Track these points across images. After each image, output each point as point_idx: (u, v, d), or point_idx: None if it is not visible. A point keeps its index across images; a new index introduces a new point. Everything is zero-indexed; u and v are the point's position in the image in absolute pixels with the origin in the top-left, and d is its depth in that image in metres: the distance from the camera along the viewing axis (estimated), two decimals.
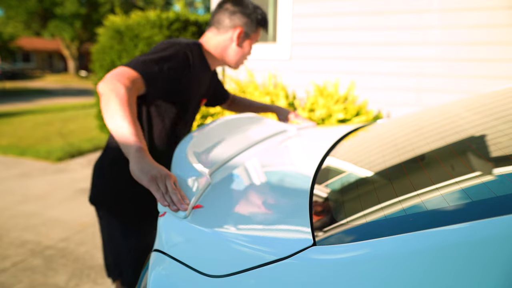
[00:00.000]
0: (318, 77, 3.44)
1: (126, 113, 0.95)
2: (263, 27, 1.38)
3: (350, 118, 2.89)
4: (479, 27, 2.88)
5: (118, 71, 1.04)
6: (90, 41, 28.70)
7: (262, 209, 0.79)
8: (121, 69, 1.05)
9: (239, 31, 1.31)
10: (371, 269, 0.53)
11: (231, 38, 1.32)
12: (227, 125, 1.29)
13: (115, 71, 1.04)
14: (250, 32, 1.34)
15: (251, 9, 1.33)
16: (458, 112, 1.10)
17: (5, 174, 4.43)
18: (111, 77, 1.01)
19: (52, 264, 2.44)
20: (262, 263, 0.60)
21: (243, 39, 1.34)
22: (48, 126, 7.77)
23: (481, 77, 2.94)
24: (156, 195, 0.79)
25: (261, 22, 1.35)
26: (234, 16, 1.31)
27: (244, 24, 1.32)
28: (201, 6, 32.17)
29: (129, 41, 4.88)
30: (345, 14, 3.32)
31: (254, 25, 1.33)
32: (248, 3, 1.34)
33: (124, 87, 1.00)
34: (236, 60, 1.38)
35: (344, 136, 1.28)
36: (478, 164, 0.71)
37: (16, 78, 24.17)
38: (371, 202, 0.69)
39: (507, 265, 0.46)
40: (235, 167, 1.01)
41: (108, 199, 1.30)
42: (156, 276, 0.68)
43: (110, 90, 0.98)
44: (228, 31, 1.32)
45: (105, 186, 1.31)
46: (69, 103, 12.34)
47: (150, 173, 0.83)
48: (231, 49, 1.35)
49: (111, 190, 1.29)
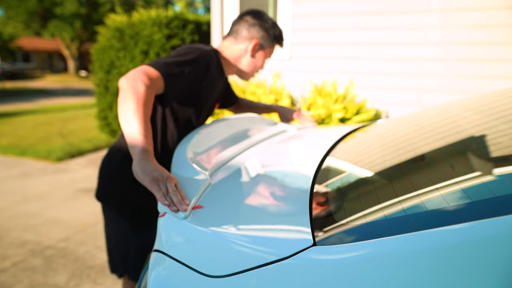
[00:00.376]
0: (318, 77, 3.44)
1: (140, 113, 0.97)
2: (279, 43, 1.44)
3: (351, 117, 2.89)
4: (479, 27, 2.88)
5: (141, 68, 1.06)
6: (90, 41, 28.71)
7: (262, 209, 0.79)
8: (144, 67, 1.07)
9: (255, 42, 1.37)
10: (371, 269, 0.53)
11: (246, 48, 1.38)
12: (227, 125, 1.29)
13: (138, 69, 1.06)
14: (265, 45, 1.40)
15: (270, 24, 1.39)
16: (458, 112, 1.10)
17: (5, 174, 4.43)
18: (134, 73, 1.03)
19: (52, 264, 2.44)
20: (262, 263, 0.60)
21: (257, 51, 1.40)
22: (48, 126, 7.78)
23: (481, 77, 2.94)
24: (157, 195, 0.81)
25: (278, 38, 1.41)
26: (252, 28, 1.37)
27: (261, 37, 1.38)
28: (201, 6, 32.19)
29: (129, 39, 4.88)
30: (345, 14, 3.32)
31: (270, 40, 1.40)
32: (268, 18, 1.40)
33: (144, 85, 1.01)
34: (248, 71, 1.43)
35: (344, 136, 1.28)
36: (478, 164, 0.71)
37: (16, 78, 24.17)
38: (371, 202, 0.69)
39: (507, 265, 0.46)
40: (235, 167, 1.01)
41: (116, 198, 1.32)
42: (156, 276, 0.68)
43: (130, 86, 1.00)
44: (244, 41, 1.38)
45: (114, 185, 1.32)
46: (69, 103, 12.34)
47: (152, 174, 0.84)
48: (244, 59, 1.40)
49: (119, 189, 1.31)
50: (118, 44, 4.96)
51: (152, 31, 4.71)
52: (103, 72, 5.16)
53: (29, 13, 27.67)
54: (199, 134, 1.15)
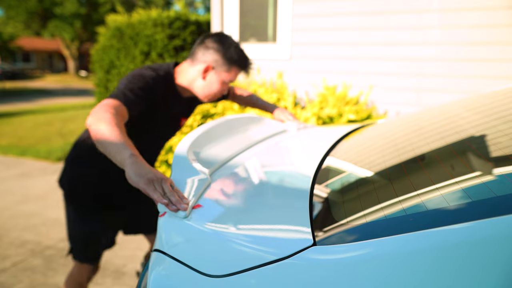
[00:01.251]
0: (318, 77, 3.44)
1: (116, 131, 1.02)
2: (239, 67, 1.41)
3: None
4: (479, 27, 2.88)
5: (102, 103, 1.15)
6: (90, 41, 28.70)
7: (262, 209, 0.79)
8: (104, 101, 1.16)
9: (206, 65, 1.38)
10: (371, 269, 0.53)
11: (199, 71, 1.39)
12: (227, 125, 1.29)
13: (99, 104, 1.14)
14: (220, 69, 1.39)
15: (227, 47, 1.38)
16: (458, 112, 1.11)
17: (5, 174, 4.43)
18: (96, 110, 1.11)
19: (52, 264, 2.44)
20: (262, 263, 0.60)
21: (210, 75, 1.40)
22: (48, 126, 7.78)
23: (481, 77, 2.94)
24: (154, 196, 0.80)
25: (236, 62, 1.39)
26: (207, 51, 1.38)
27: (214, 60, 1.38)
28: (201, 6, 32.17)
29: (128, 39, 4.88)
30: (345, 14, 3.32)
31: (226, 64, 1.38)
32: (230, 42, 1.39)
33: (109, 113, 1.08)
34: (203, 94, 1.45)
35: (344, 136, 1.28)
36: (478, 164, 0.71)
37: (16, 78, 24.17)
38: (371, 202, 0.70)
39: (507, 265, 0.46)
40: (235, 167, 1.02)
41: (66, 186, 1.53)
42: (156, 276, 0.68)
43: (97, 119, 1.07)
44: (198, 64, 1.39)
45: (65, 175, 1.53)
46: (69, 103, 12.34)
47: (147, 176, 0.85)
48: (198, 82, 1.42)
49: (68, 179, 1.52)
50: (118, 44, 4.96)
51: (154, 31, 4.71)
52: (103, 72, 5.16)
53: (29, 13, 27.66)
54: (199, 134, 1.15)
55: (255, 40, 3.83)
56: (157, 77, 1.36)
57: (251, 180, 0.96)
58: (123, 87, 1.26)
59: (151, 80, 1.34)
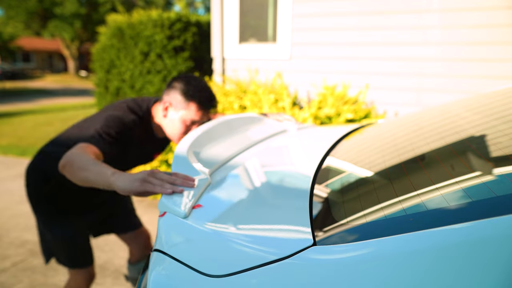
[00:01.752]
0: (318, 77, 3.44)
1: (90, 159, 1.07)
2: (198, 103, 1.42)
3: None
4: (479, 27, 2.88)
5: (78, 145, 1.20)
6: (90, 41, 28.69)
7: (262, 209, 0.79)
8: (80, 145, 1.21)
9: (167, 104, 1.42)
10: (371, 269, 0.53)
11: (162, 110, 1.45)
12: (227, 125, 1.29)
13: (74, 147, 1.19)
14: (179, 107, 1.41)
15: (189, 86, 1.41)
16: (458, 112, 1.11)
17: (5, 174, 4.43)
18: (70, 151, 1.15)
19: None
20: (262, 263, 0.60)
21: (170, 113, 1.44)
22: (48, 126, 7.78)
23: (481, 77, 2.94)
24: (156, 189, 0.82)
25: (193, 98, 1.41)
26: (170, 91, 1.43)
27: (174, 98, 1.42)
28: (201, 6, 32.17)
29: (129, 39, 4.87)
30: (345, 14, 3.32)
31: (183, 100, 1.41)
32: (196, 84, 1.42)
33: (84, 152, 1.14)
34: (170, 134, 1.48)
35: (344, 136, 1.28)
36: (478, 164, 0.71)
37: (16, 78, 24.17)
38: (371, 202, 0.70)
39: (507, 265, 0.46)
40: (235, 167, 1.01)
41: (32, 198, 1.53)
42: (156, 276, 0.68)
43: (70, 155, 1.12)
44: (162, 104, 1.44)
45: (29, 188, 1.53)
46: (69, 103, 12.34)
47: (138, 178, 0.87)
48: (164, 121, 1.47)
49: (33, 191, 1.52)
50: (119, 44, 4.96)
51: (154, 32, 4.71)
52: (103, 72, 5.16)
53: (29, 13, 27.66)
54: (199, 134, 1.15)
55: (255, 40, 3.83)
56: (136, 120, 1.42)
57: (251, 180, 0.96)
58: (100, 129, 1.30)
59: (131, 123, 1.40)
